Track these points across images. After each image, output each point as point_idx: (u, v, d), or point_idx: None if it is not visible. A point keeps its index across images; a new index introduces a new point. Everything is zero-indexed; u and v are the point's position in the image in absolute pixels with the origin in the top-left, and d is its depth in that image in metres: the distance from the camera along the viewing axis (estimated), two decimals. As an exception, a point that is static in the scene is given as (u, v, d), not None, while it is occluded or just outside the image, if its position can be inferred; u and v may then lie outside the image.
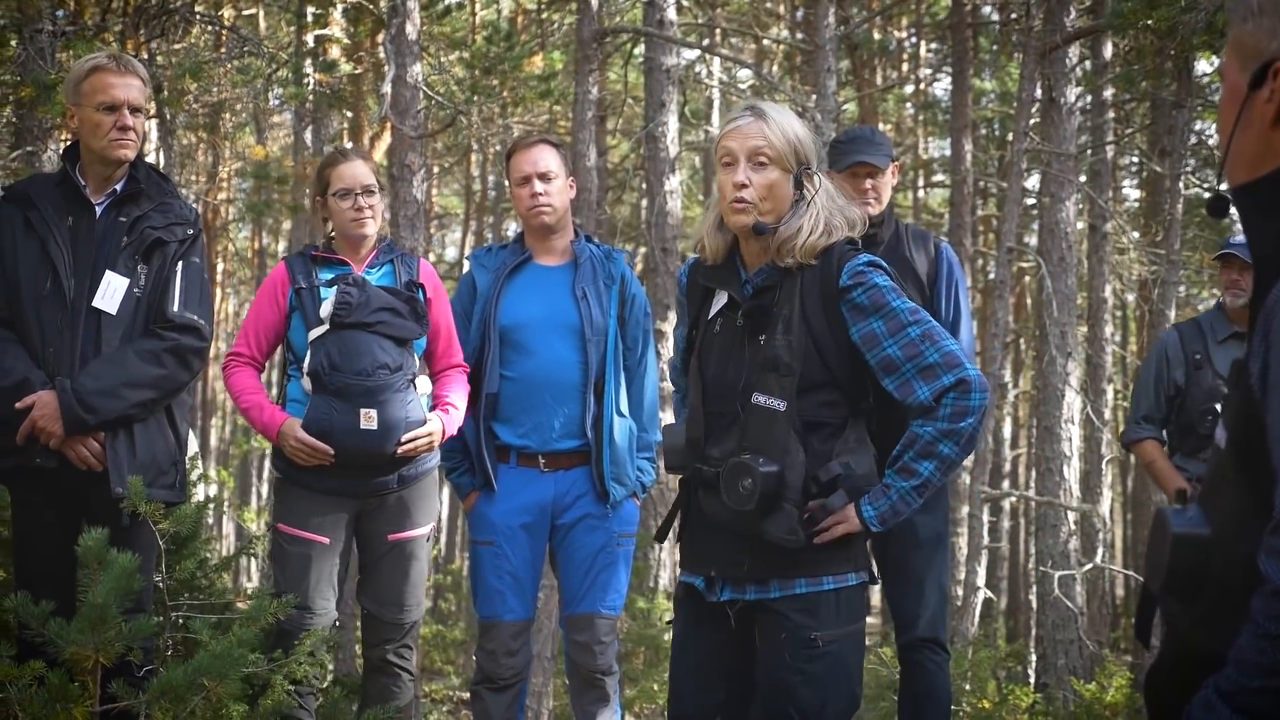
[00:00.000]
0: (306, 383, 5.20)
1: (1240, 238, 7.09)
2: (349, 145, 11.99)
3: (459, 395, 5.42)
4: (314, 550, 5.22)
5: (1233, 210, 2.35)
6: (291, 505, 5.30)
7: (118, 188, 4.86)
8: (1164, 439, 6.90)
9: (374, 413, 5.10)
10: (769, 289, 3.81)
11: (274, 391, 5.48)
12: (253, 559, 15.55)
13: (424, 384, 5.43)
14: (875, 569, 3.99)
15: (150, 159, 5.07)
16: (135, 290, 4.77)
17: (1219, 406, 6.75)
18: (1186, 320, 7.53)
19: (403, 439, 5.17)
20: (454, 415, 5.37)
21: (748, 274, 3.89)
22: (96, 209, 4.83)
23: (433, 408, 5.38)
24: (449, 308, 5.56)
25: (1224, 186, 2.35)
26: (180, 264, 4.85)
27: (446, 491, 28.42)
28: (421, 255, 9.60)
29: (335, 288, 5.22)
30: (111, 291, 4.73)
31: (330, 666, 5.61)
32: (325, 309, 5.19)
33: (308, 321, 5.24)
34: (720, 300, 3.93)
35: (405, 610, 5.38)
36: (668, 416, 9.97)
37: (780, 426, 3.67)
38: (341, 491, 5.23)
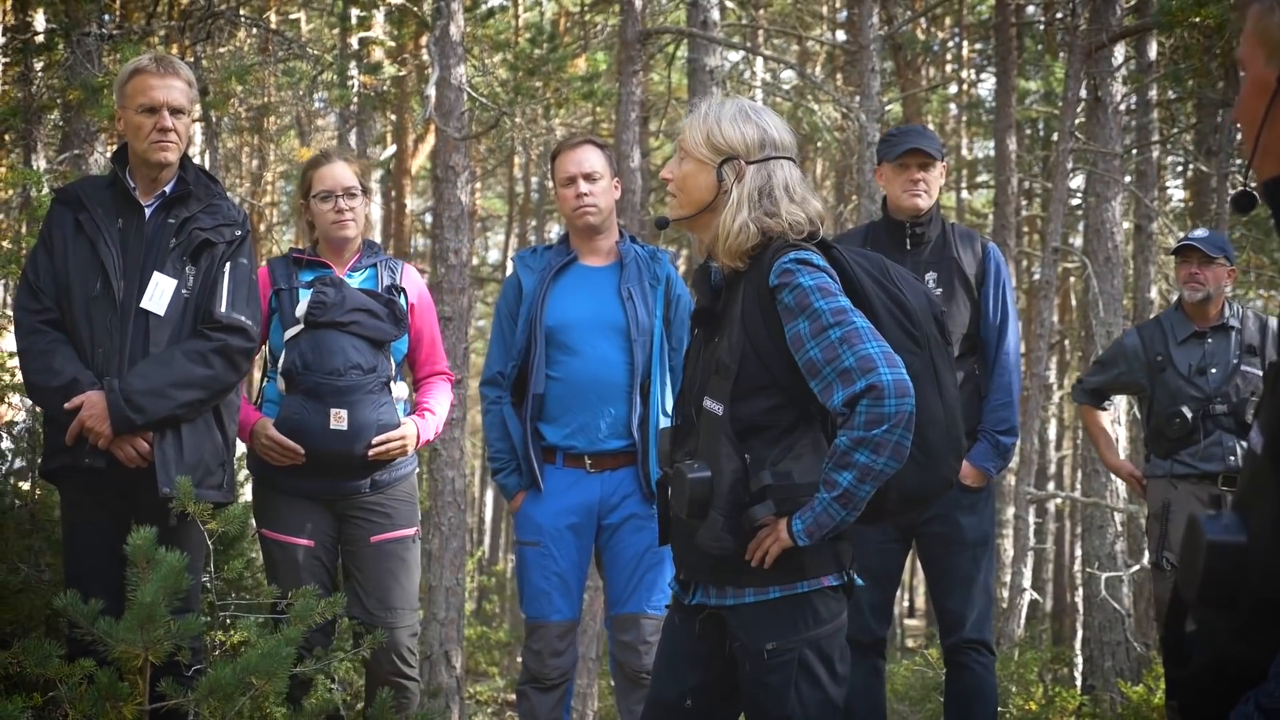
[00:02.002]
0: (281, 383, 5.22)
1: (1201, 231, 7.07)
2: (337, 146, 12.02)
3: (439, 402, 5.44)
4: (300, 554, 5.24)
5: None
6: (272, 509, 5.32)
7: (166, 189, 4.88)
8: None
9: (344, 413, 5.11)
10: (718, 291, 3.77)
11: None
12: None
13: (401, 389, 5.42)
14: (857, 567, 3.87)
15: (195, 162, 5.07)
16: (183, 291, 4.79)
17: (1185, 409, 6.75)
18: (1147, 321, 7.53)
19: (373, 441, 5.17)
20: (430, 421, 5.38)
21: (716, 275, 3.84)
22: (145, 210, 4.85)
23: (411, 413, 5.38)
24: (433, 313, 5.59)
25: (1252, 182, 2.31)
26: (228, 265, 4.86)
27: (490, 492, 28.50)
28: (465, 257, 9.63)
29: (312, 288, 5.24)
30: (159, 293, 4.75)
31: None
32: (301, 308, 5.21)
33: (284, 321, 5.27)
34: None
35: (395, 613, 5.36)
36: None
37: (718, 431, 3.60)
38: (315, 494, 5.25)
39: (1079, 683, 13.70)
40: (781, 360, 3.61)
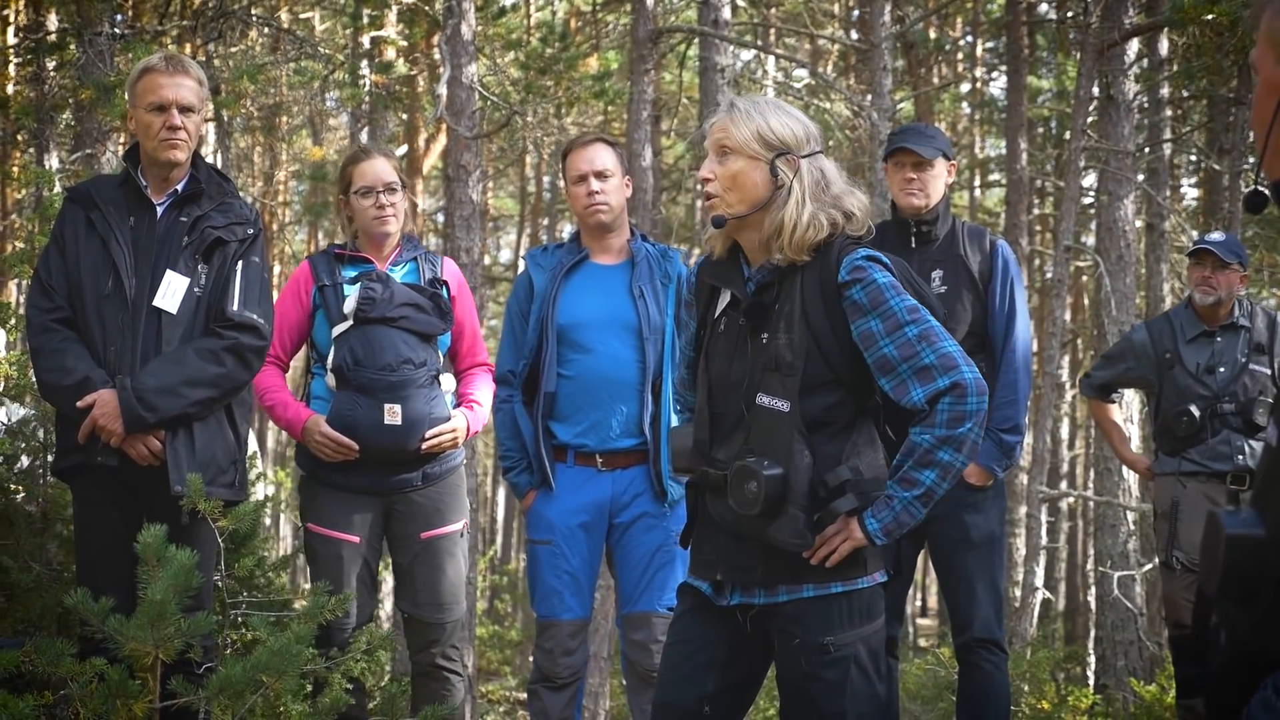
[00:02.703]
0: (330, 379, 5.23)
1: (1217, 234, 7.05)
2: (370, 143, 12.04)
3: (484, 393, 5.45)
4: (345, 550, 5.25)
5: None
6: (319, 505, 5.33)
7: (179, 188, 4.88)
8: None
9: (398, 408, 5.13)
10: (770, 285, 3.72)
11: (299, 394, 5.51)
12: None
13: (449, 381, 5.44)
14: (896, 566, 3.89)
15: (208, 161, 5.08)
16: (195, 290, 4.80)
17: (1193, 408, 6.73)
18: (1157, 317, 7.51)
19: (426, 435, 5.18)
20: (478, 413, 5.39)
21: (750, 270, 3.80)
22: (157, 209, 4.85)
23: (457, 405, 5.40)
24: (473, 306, 5.58)
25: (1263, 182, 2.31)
26: (240, 263, 4.87)
27: (502, 491, 28.52)
28: (477, 256, 9.65)
29: (359, 284, 5.25)
30: (172, 291, 4.76)
31: (388, 667, 5.63)
32: (349, 305, 5.22)
33: (331, 318, 5.28)
34: (724, 298, 3.85)
35: (444, 609, 5.38)
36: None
37: (785, 428, 3.58)
38: (366, 489, 5.26)
39: (1091, 682, 13.69)
40: (844, 356, 3.64)
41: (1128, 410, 9.13)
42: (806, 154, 3.71)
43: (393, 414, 5.12)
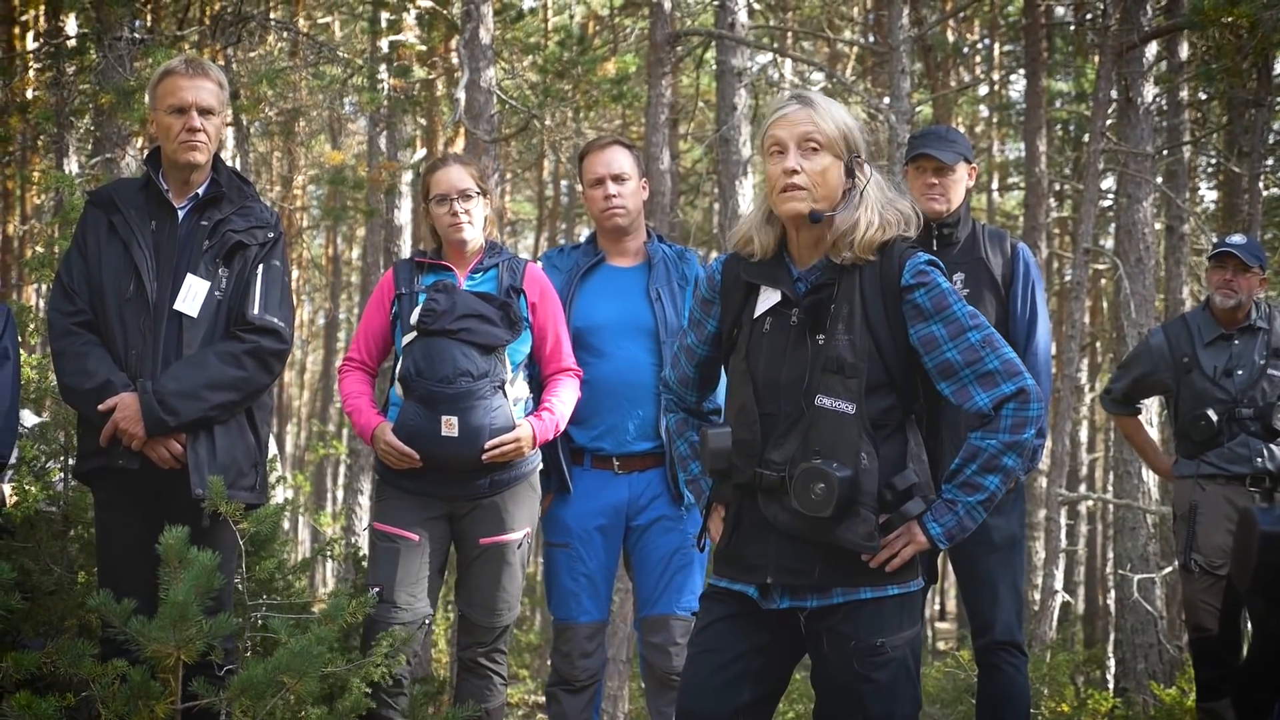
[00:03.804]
0: (399, 387, 5.24)
1: (1239, 237, 6.99)
2: (451, 152, 12.08)
3: (561, 400, 5.36)
4: (402, 545, 5.23)
5: None
6: (387, 506, 5.33)
7: (199, 191, 4.89)
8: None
9: (455, 420, 5.10)
10: (826, 285, 3.71)
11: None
12: (329, 562, 15.65)
13: (520, 390, 5.39)
14: (930, 570, 3.89)
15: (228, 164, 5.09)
16: (216, 293, 4.80)
17: (1210, 412, 6.70)
18: (1173, 320, 7.46)
19: (487, 445, 5.16)
20: (548, 420, 5.30)
21: (798, 270, 3.78)
22: (179, 212, 4.86)
23: (530, 413, 5.36)
24: (559, 311, 5.49)
25: None
26: (261, 267, 4.87)
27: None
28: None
29: (426, 294, 5.25)
30: (193, 294, 4.76)
31: (409, 665, 5.63)
32: (414, 315, 5.21)
33: (404, 327, 5.27)
34: (769, 297, 3.81)
35: (495, 614, 5.37)
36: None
37: (851, 430, 3.57)
38: (435, 494, 5.25)
39: (1111, 685, 13.67)
40: (900, 360, 3.66)
41: (1146, 413, 9.08)
42: (866, 156, 3.75)
43: (449, 426, 5.09)
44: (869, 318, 3.64)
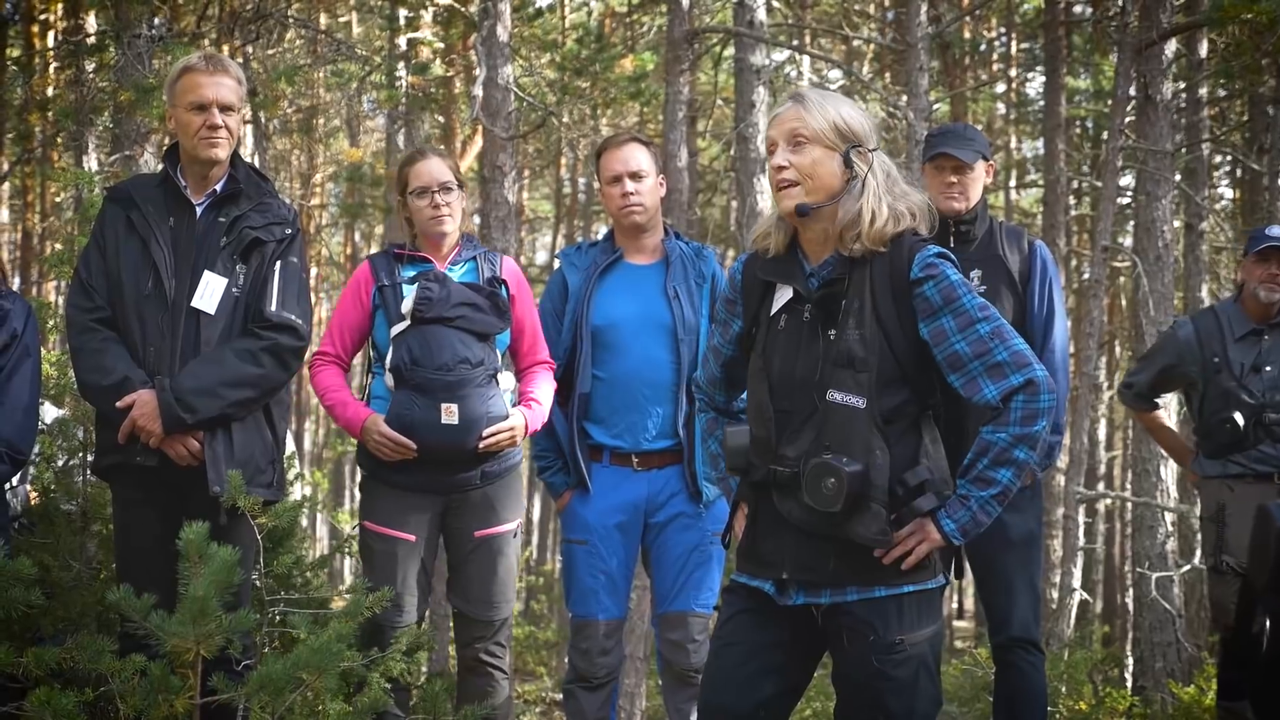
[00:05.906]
0: (389, 379, 5.24)
1: (1278, 229, 6.86)
2: (430, 144, 12.10)
3: (543, 391, 5.42)
4: (400, 548, 5.25)
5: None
6: (377, 503, 5.34)
7: (217, 188, 4.89)
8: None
9: (455, 407, 5.12)
10: (838, 280, 3.70)
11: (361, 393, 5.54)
12: (347, 558, 15.65)
13: (508, 380, 5.44)
14: (956, 567, 3.88)
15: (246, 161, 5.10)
16: (234, 290, 4.81)
17: (1237, 415, 6.59)
18: (1202, 311, 7.35)
19: (484, 434, 5.18)
20: (537, 411, 5.37)
21: (811, 266, 3.78)
22: (197, 209, 4.87)
23: (517, 404, 5.39)
24: (533, 304, 5.56)
25: None
26: (278, 263, 4.87)
27: (538, 492, 28.54)
28: (511, 256, 9.66)
29: (417, 284, 5.26)
30: (210, 291, 4.77)
31: (424, 666, 5.64)
32: (406, 305, 5.22)
33: (390, 318, 5.28)
34: (783, 294, 3.82)
35: (493, 607, 5.39)
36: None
37: (861, 424, 3.57)
38: (426, 488, 5.26)
39: (1129, 683, 13.62)
40: (912, 353, 3.65)
41: (1165, 409, 9.02)
42: (874, 146, 3.73)
43: (449, 413, 5.12)
44: (879, 312, 3.64)
